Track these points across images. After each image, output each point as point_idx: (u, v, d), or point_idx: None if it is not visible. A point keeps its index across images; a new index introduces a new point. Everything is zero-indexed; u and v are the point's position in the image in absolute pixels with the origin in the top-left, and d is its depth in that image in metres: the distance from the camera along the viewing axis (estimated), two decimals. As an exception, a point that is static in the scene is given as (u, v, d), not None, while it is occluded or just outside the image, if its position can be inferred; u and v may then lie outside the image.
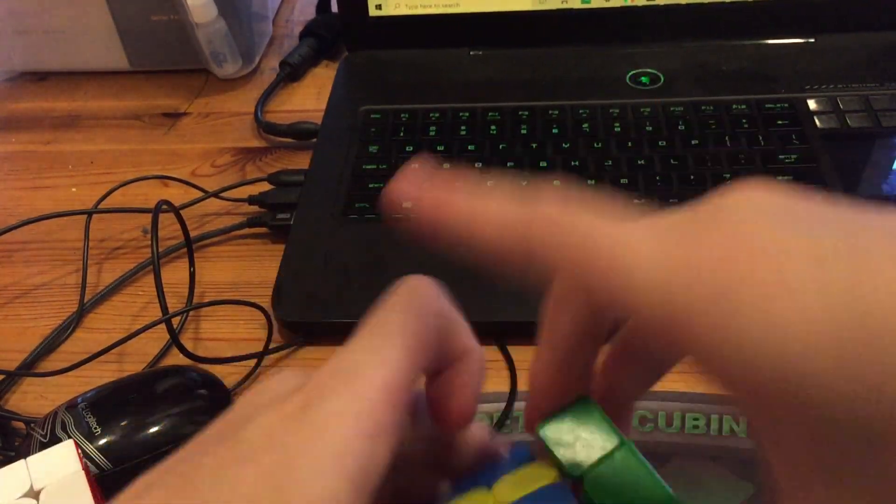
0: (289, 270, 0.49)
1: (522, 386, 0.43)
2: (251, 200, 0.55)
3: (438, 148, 0.56)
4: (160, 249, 0.49)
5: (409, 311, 0.21)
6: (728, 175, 0.51)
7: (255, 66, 0.70)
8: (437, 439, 0.24)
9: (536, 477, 0.22)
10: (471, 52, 0.64)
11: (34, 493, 0.32)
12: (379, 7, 0.64)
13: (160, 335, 0.46)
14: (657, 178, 0.52)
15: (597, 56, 0.63)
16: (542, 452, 0.22)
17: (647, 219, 0.18)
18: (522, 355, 0.45)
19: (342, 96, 0.63)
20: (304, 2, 0.79)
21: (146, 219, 0.55)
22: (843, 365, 0.15)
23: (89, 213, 0.55)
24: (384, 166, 0.55)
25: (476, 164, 0.54)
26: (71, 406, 0.40)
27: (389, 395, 0.19)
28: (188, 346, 0.45)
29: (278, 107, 0.66)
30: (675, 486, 0.23)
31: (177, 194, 0.56)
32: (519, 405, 0.42)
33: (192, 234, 0.52)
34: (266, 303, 0.47)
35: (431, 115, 0.59)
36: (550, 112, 0.58)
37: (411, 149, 0.56)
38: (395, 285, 0.22)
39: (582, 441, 0.21)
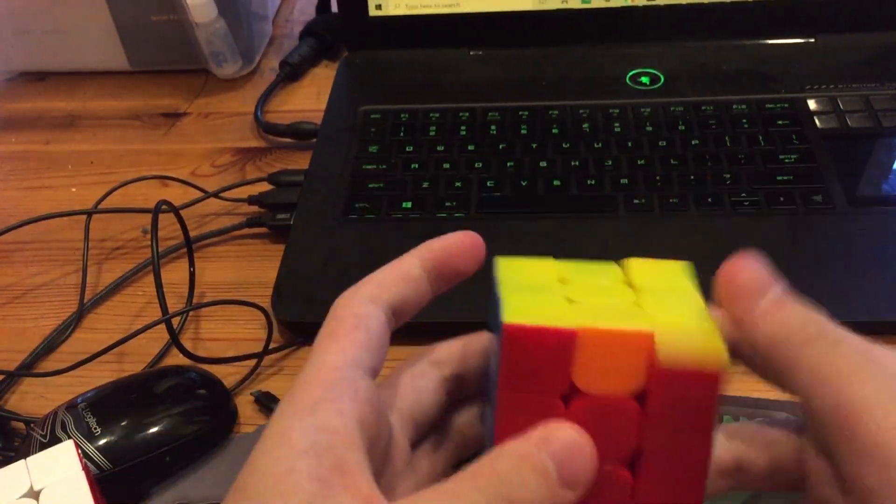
0: (289, 270, 0.49)
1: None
2: (251, 200, 0.55)
3: (438, 148, 0.56)
4: (160, 249, 0.49)
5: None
6: (728, 175, 0.51)
7: (254, 66, 0.70)
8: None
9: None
10: (471, 52, 0.64)
11: (34, 494, 0.32)
12: (379, 7, 0.64)
13: (160, 335, 0.46)
14: (657, 178, 0.52)
15: (597, 56, 0.63)
16: None
17: None
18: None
19: (342, 96, 0.63)
20: (303, 2, 0.79)
21: (146, 219, 0.55)
22: None
23: (89, 214, 0.55)
24: (384, 166, 0.55)
25: (476, 165, 0.54)
26: (71, 406, 0.40)
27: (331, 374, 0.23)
28: (188, 346, 0.45)
29: (278, 107, 0.66)
30: None
31: (177, 194, 0.56)
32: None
33: (192, 234, 0.52)
34: (266, 303, 0.47)
35: (431, 115, 0.59)
36: (550, 112, 0.58)
37: (411, 149, 0.56)
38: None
39: None
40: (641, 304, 0.23)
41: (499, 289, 0.23)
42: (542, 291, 0.23)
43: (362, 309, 0.25)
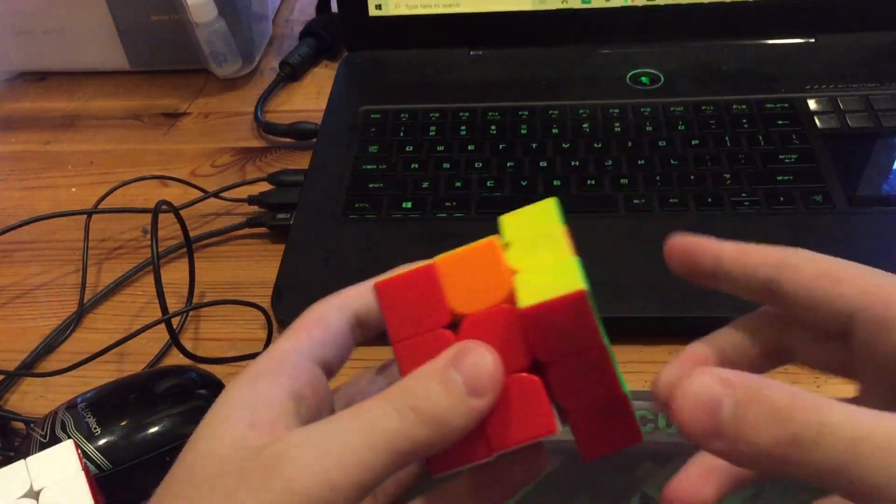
0: (288, 270, 0.49)
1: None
2: (251, 200, 0.55)
3: (438, 148, 0.56)
4: (160, 249, 0.49)
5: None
6: (728, 175, 0.51)
7: (254, 66, 0.70)
8: None
9: None
10: (471, 52, 0.64)
11: (34, 494, 0.32)
12: (379, 7, 0.64)
13: (160, 335, 0.46)
14: (657, 178, 0.52)
15: (597, 56, 0.63)
16: None
17: None
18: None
19: (342, 96, 0.63)
20: (303, 2, 0.79)
21: (146, 219, 0.55)
22: None
23: (89, 214, 0.55)
24: (384, 166, 0.55)
25: (476, 165, 0.54)
26: (71, 406, 0.40)
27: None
28: (188, 346, 0.45)
29: (278, 107, 0.66)
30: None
31: (176, 194, 0.56)
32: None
33: (192, 234, 0.52)
34: (266, 303, 0.47)
35: (431, 115, 0.59)
36: (550, 112, 0.58)
37: (411, 149, 0.56)
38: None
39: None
40: (509, 254, 0.25)
41: None
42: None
43: (325, 312, 0.26)
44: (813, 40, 0.62)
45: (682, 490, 0.27)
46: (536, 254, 0.24)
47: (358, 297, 0.27)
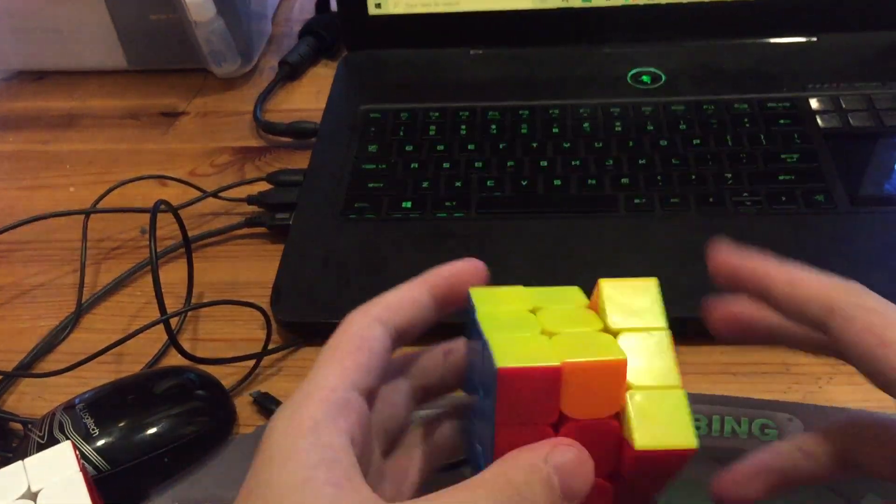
0: (288, 270, 0.49)
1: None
2: (250, 200, 0.55)
3: (438, 148, 0.56)
4: (158, 249, 0.49)
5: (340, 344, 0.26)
6: (729, 175, 0.51)
7: (253, 66, 0.70)
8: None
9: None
10: (471, 52, 0.64)
11: (32, 495, 0.32)
12: (378, 6, 0.63)
13: (158, 336, 0.46)
14: (658, 177, 0.51)
15: (597, 55, 0.62)
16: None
17: None
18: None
19: (342, 96, 0.63)
20: (303, 0, 0.78)
21: (144, 219, 0.55)
22: None
23: (87, 213, 0.55)
24: (384, 166, 0.55)
25: (476, 164, 0.54)
26: (69, 407, 0.40)
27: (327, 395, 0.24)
28: (186, 346, 0.45)
29: (277, 106, 0.66)
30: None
31: (175, 194, 0.56)
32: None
33: (191, 233, 0.52)
34: (265, 303, 0.47)
35: (431, 114, 0.58)
36: (550, 112, 0.58)
37: (411, 148, 0.56)
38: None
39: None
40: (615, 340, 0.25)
41: (480, 325, 0.25)
42: (520, 328, 0.25)
43: (369, 331, 0.26)
44: (815, 39, 0.61)
45: (730, 483, 0.28)
46: (647, 364, 0.24)
47: (400, 309, 0.26)
